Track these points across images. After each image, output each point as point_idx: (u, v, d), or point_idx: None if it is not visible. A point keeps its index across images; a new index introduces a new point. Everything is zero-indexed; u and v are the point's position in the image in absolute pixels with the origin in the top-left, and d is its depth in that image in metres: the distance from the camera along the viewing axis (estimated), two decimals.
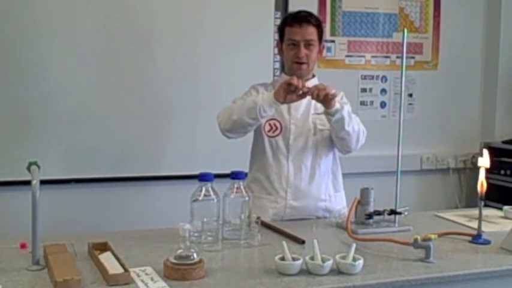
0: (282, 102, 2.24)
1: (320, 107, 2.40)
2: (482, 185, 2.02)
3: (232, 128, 2.32)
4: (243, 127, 2.31)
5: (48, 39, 3.06)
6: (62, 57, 3.09)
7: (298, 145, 2.39)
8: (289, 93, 2.20)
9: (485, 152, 2.09)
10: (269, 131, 2.41)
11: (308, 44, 2.34)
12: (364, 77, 3.78)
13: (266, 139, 2.41)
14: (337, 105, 2.23)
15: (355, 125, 2.30)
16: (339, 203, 2.47)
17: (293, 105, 2.39)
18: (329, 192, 2.45)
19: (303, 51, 2.33)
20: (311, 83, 2.42)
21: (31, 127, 3.07)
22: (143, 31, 3.21)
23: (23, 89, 3.03)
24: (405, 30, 2.24)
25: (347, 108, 2.29)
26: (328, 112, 2.24)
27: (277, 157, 2.40)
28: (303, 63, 2.35)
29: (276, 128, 2.40)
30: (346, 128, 2.26)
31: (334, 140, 2.37)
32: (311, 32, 2.34)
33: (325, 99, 2.19)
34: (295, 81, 2.19)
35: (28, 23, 3.02)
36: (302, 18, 2.36)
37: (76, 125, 3.14)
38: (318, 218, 2.41)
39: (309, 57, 2.35)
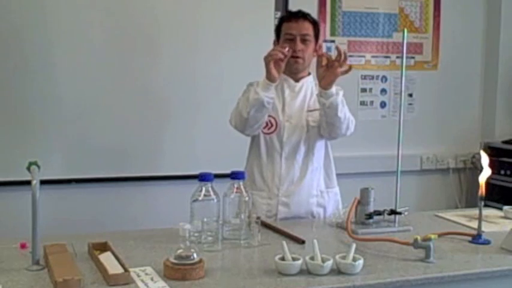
0: (277, 78, 2.28)
1: (313, 104, 2.41)
2: (482, 185, 2.02)
3: (247, 125, 2.33)
4: (255, 121, 2.32)
5: (50, 39, 3.06)
6: (62, 58, 3.08)
7: (292, 142, 2.41)
8: (276, 65, 2.24)
9: (483, 153, 2.09)
10: (265, 127, 2.42)
11: (304, 40, 2.37)
12: (364, 77, 3.77)
13: (262, 136, 2.44)
14: (333, 89, 2.27)
15: (346, 112, 2.34)
16: (332, 198, 2.49)
17: (287, 102, 2.43)
18: (321, 187, 2.46)
19: (299, 45, 2.36)
20: (306, 81, 2.46)
21: (31, 127, 3.06)
22: (143, 31, 3.21)
23: (23, 89, 3.03)
24: (405, 30, 2.24)
25: (341, 94, 2.32)
26: (324, 94, 2.26)
27: (271, 154, 2.43)
28: (299, 57, 2.37)
29: (272, 124, 2.42)
30: (339, 114, 2.29)
31: (323, 125, 2.38)
32: (307, 27, 2.39)
33: (334, 68, 2.24)
34: (273, 51, 2.26)
35: (30, 22, 3.02)
36: (298, 13, 2.43)
37: (76, 125, 3.14)
38: (313, 216, 2.42)
39: (305, 52, 2.38)
